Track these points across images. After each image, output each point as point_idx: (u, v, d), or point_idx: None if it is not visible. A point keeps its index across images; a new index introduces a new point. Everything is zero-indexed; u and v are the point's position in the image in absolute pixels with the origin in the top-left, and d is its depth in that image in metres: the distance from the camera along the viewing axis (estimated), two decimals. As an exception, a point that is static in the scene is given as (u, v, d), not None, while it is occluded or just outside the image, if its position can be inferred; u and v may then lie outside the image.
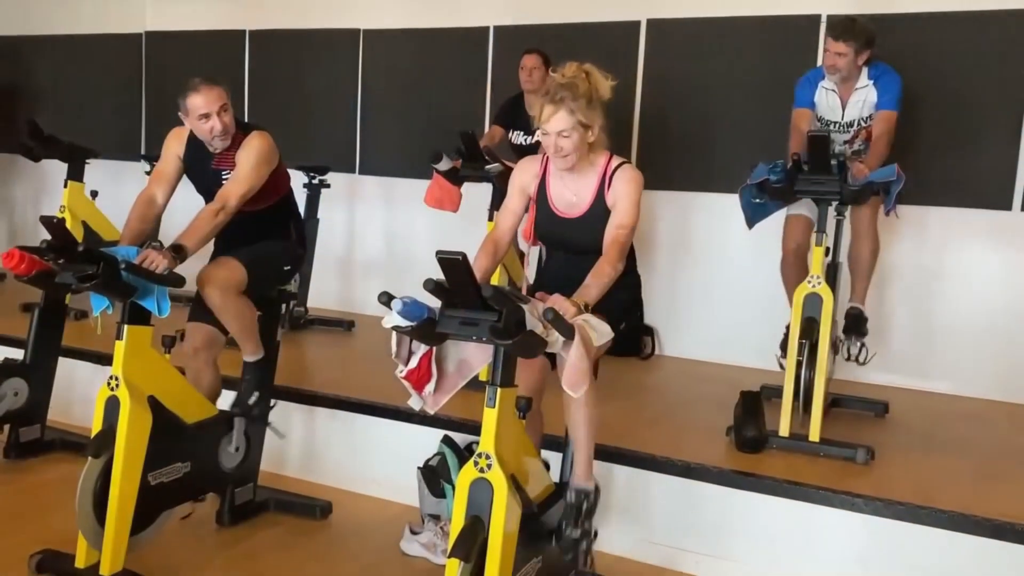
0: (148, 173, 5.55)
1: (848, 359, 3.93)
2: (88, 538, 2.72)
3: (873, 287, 4.05)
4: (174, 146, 3.21)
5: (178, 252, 2.78)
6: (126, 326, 2.72)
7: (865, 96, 3.76)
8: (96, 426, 2.73)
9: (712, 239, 4.92)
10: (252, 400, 3.26)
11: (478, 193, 4.48)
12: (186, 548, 3.07)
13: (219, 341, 3.21)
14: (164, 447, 2.86)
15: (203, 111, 3.07)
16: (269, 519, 3.34)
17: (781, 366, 3.66)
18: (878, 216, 3.81)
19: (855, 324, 3.91)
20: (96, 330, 3.19)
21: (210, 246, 3.20)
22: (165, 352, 2.94)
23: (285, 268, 3.36)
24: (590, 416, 2.56)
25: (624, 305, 2.69)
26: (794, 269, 3.85)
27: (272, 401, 3.41)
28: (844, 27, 3.66)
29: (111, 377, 2.71)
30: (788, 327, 3.62)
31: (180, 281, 2.74)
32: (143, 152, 6.12)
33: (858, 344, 3.89)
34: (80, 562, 2.73)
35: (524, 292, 2.68)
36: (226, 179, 3.09)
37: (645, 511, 3.16)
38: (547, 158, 2.68)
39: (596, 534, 2.70)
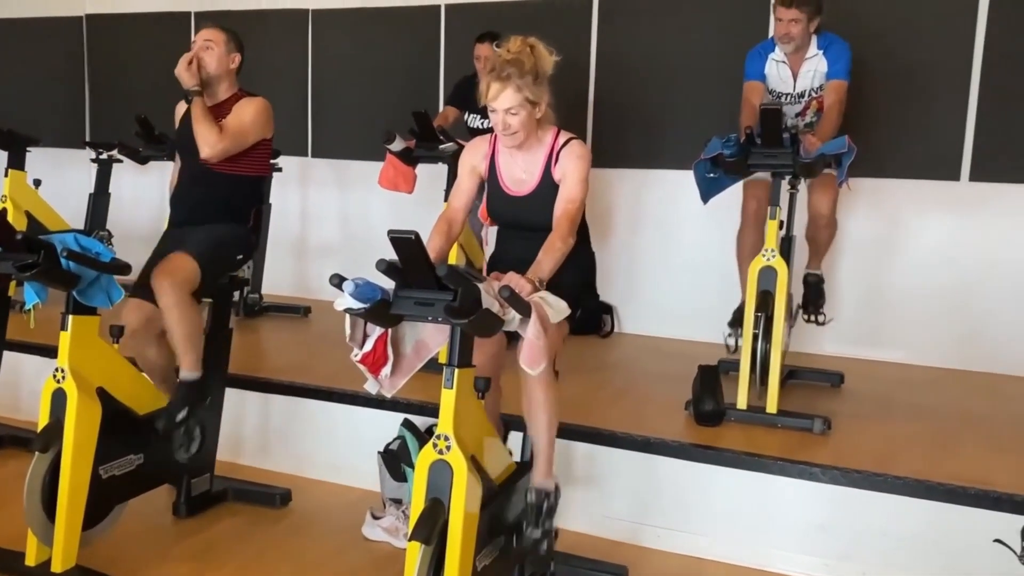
0: (94, 161, 5.43)
1: (808, 320, 3.98)
2: (38, 535, 2.66)
3: (826, 258, 4.09)
4: (180, 111, 3.32)
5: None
6: (71, 316, 2.64)
7: (815, 66, 3.78)
8: (43, 420, 2.66)
9: (668, 216, 4.93)
10: (179, 417, 3.06)
11: (433, 173, 4.43)
12: (142, 541, 3.01)
13: (158, 317, 3.04)
14: (115, 439, 2.80)
15: None
16: (227, 509, 3.29)
17: (728, 346, 3.68)
18: (838, 197, 3.85)
19: (814, 289, 3.94)
20: (29, 323, 3.10)
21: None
22: (113, 342, 2.88)
23: (237, 257, 3.32)
24: (550, 417, 2.56)
25: (578, 283, 2.67)
26: (752, 235, 3.84)
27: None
28: None
29: (57, 369, 2.64)
30: (738, 307, 3.64)
31: (125, 268, 2.67)
32: (88, 139, 5.96)
33: (817, 308, 3.94)
34: (30, 560, 2.67)
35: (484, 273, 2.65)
36: None
37: (606, 487, 3.16)
38: (496, 137, 2.65)
39: (557, 534, 2.69)
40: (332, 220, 5.84)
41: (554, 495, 2.63)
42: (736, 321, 3.66)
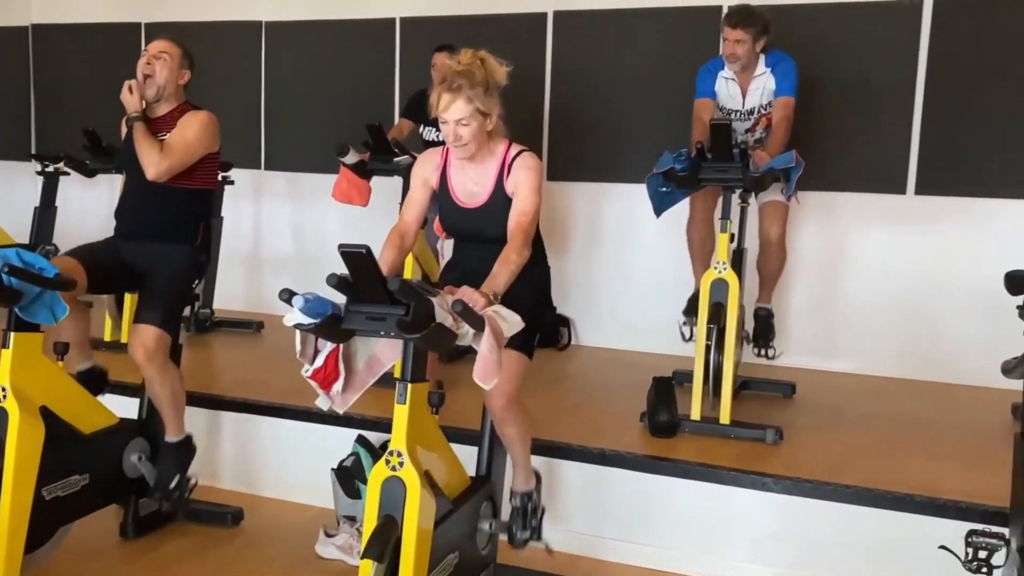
0: (39, 173, 5.30)
1: (759, 355, 4.04)
2: (-23, 560, 2.57)
3: (776, 291, 4.15)
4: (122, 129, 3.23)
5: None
6: (13, 333, 2.57)
7: (764, 83, 3.85)
8: (-18, 441, 2.58)
9: (623, 229, 4.96)
10: (173, 484, 3.11)
11: (388, 186, 4.42)
12: (88, 563, 2.94)
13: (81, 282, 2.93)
14: (59, 459, 2.72)
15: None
16: (177, 529, 3.23)
17: (683, 335, 3.73)
18: (787, 224, 3.93)
19: (764, 323, 4.00)
20: None
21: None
22: (58, 359, 2.81)
23: (192, 285, 3.30)
24: (521, 432, 2.65)
25: (534, 296, 2.67)
26: (700, 230, 3.93)
27: (193, 480, 3.23)
28: (741, 15, 3.75)
29: (-3, 388, 2.57)
30: (692, 296, 3.74)
31: (69, 284, 2.61)
32: (34, 151, 5.83)
33: (767, 342, 4.00)
34: (-30, 585, 2.59)
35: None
36: (162, 139, 3.10)
37: (562, 500, 3.16)
38: (448, 150, 2.65)
39: (543, 511, 2.83)
40: (285, 233, 5.78)
41: (536, 494, 2.77)
42: (690, 310, 3.72)
